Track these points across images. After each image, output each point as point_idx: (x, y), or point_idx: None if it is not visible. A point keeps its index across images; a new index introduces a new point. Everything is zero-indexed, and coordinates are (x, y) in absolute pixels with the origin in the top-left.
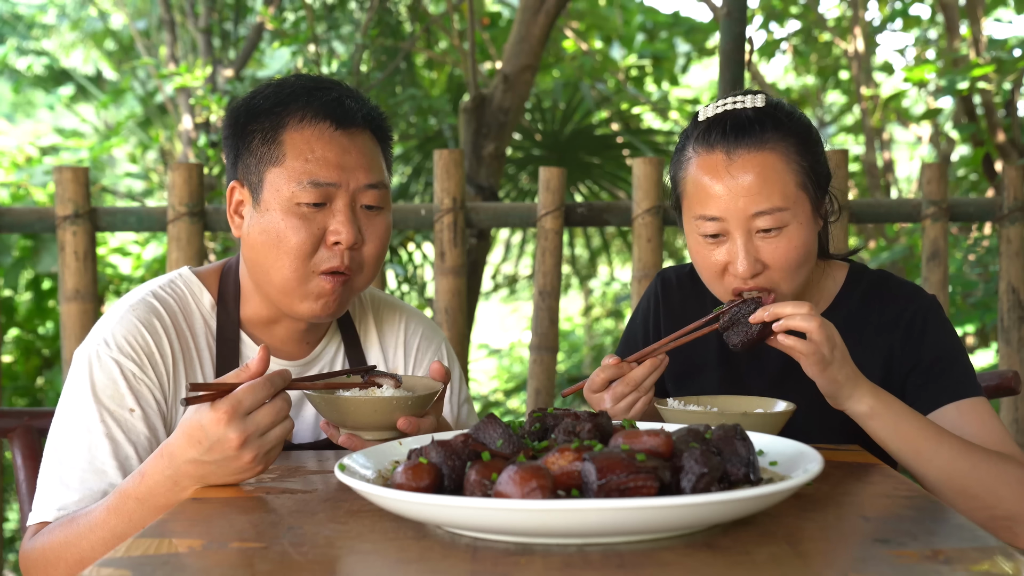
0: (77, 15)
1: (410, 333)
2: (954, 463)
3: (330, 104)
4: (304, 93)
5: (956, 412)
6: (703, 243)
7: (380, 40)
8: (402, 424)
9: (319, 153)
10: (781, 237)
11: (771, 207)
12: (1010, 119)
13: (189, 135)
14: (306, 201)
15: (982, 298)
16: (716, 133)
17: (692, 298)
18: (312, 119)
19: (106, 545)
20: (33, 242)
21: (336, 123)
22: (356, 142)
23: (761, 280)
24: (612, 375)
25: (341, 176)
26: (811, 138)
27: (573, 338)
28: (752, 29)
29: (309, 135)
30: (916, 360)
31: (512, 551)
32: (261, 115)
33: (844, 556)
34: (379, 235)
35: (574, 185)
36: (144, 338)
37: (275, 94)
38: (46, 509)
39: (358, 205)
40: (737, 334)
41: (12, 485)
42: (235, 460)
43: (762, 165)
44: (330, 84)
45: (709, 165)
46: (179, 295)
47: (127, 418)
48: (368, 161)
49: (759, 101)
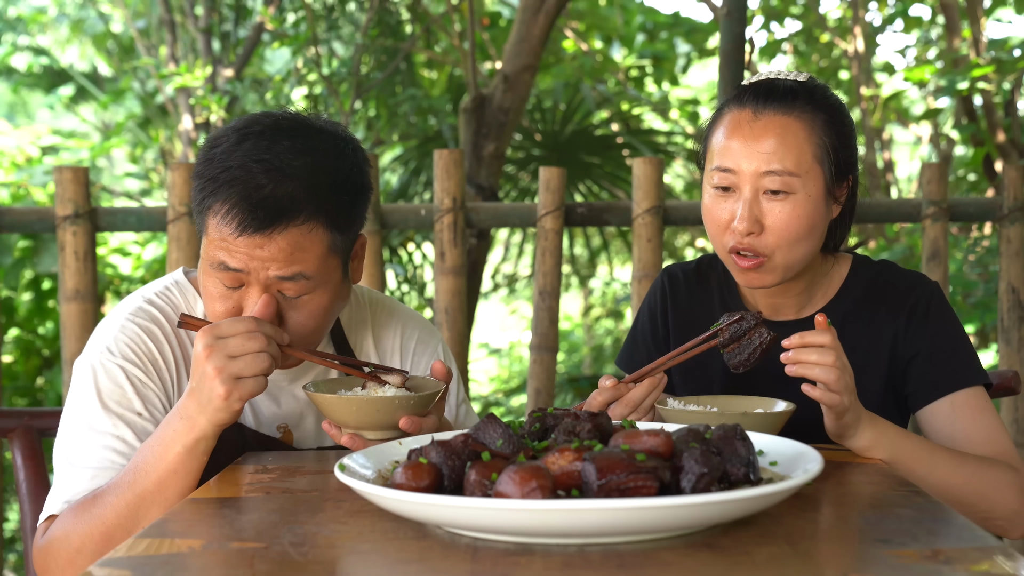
0: (77, 15)
1: (406, 336)
2: (948, 479)
3: (252, 200)
4: (237, 173)
5: (950, 407)
6: (714, 195)
7: (380, 40)
8: (404, 424)
9: (229, 245)
10: (786, 203)
11: (782, 169)
12: (1010, 119)
13: (189, 135)
14: (221, 281)
15: (982, 298)
16: (750, 94)
17: (699, 295)
18: (228, 214)
19: (128, 506)
20: (33, 242)
21: (248, 224)
22: (274, 239)
23: (757, 242)
24: (610, 398)
25: (248, 265)
26: (842, 120)
27: (573, 338)
28: (752, 29)
29: (223, 227)
30: (918, 348)
31: (512, 551)
32: (203, 178)
33: (844, 556)
34: (302, 320)
35: (574, 185)
36: (146, 344)
37: (220, 160)
38: (55, 504)
39: (274, 290)
40: (737, 355)
41: (12, 485)
42: (204, 378)
43: (783, 128)
44: (282, 161)
45: (735, 120)
46: (174, 302)
47: (135, 420)
48: (288, 255)
49: (801, 77)
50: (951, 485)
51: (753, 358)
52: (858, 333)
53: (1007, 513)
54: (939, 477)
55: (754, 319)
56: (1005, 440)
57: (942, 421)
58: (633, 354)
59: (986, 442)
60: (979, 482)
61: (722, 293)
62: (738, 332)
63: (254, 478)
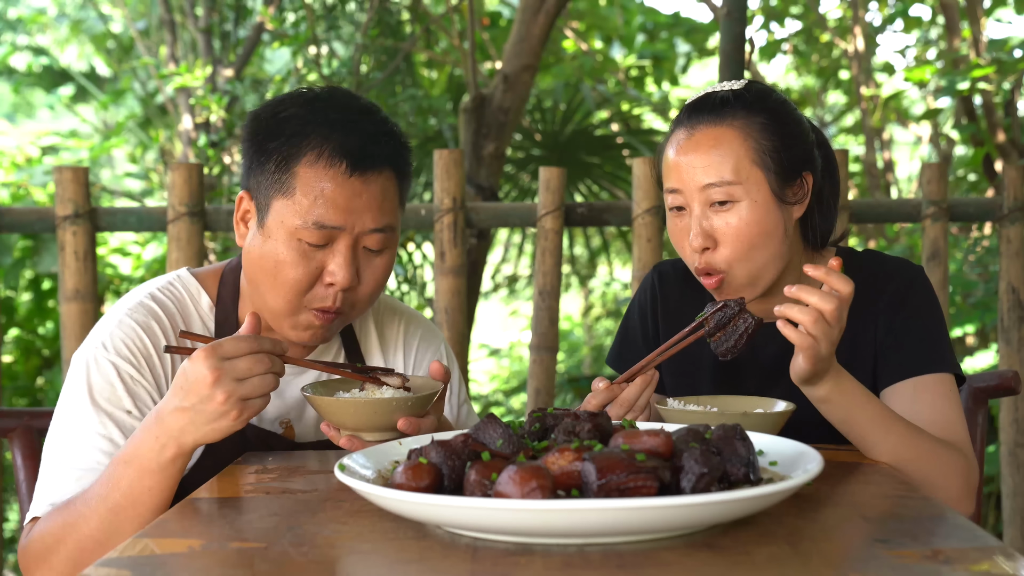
0: (77, 15)
1: (409, 335)
2: (897, 452)
3: (350, 146)
4: (326, 126)
5: (912, 389)
6: (670, 216)
7: (380, 40)
8: (402, 425)
9: (329, 195)
10: (732, 212)
11: (720, 179)
12: (1010, 119)
13: (189, 135)
14: (308, 240)
15: (982, 298)
16: (686, 111)
17: (690, 291)
18: (329, 158)
19: (102, 521)
20: (33, 242)
21: (352, 167)
22: (370, 186)
23: (713, 258)
24: (604, 400)
25: (347, 220)
26: (784, 120)
27: (573, 338)
28: (752, 29)
29: (322, 175)
30: (893, 329)
31: (512, 551)
32: (280, 138)
33: (844, 556)
34: (376, 276)
35: (574, 185)
36: (142, 340)
37: (298, 117)
38: (40, 505)
39: (360, 247)
40: (724, 342)
41: (12, 485)
42: (209, 401)
43: (716, 139)
44: (357, 116)
45: (676, 140)
46: (177, 297)
47: (124, 419)
48: (379, 204)
49: (737, 86)
50: (900, 459)
51: (740, 344)
52: (848, 325)
53: (948, 497)
54: (889, 448)
55: (737, 305)
56: (961, 429)
57: (903, 401)
58: (623, 352)
59: (943, 427)
60: (927, 462)
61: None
62: (723, 320)
63: (254, 478)
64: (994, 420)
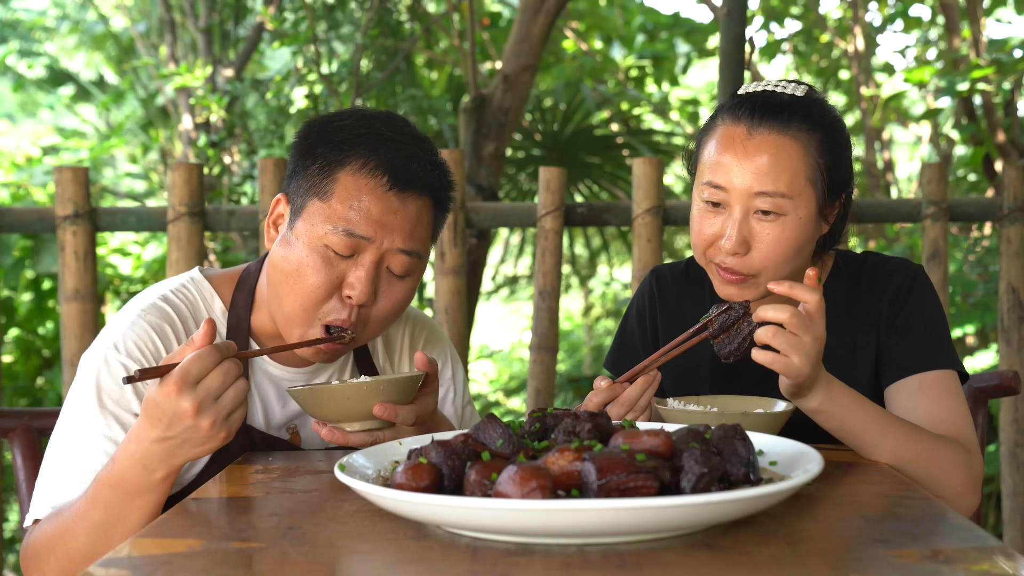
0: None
1: (415, 336)
2: (897, 452)
3: (395, 161)
4: (377, 140)
5: (917, 385)
6: (703, 208)
7: (380, 40)
8: (378, 410)
9: (364, 205)
10: (776, 224)
11: (774, 191)
12: (1010, 119)
13: (189, 135)
14: (335, 247)
15: (982, 298)
16: (745, 108)
17: (688, 294)
18: (372, 170)
19: (89, 536)
20: (33, 242)
21: (393, 182)
22: (407, 205)
23: (742, 262)
24: (605, 399)
25: (377, 233)
26: (838, 139)
27: (573, 338)
28: (752, 29)
29: (363, 184)
30: (894, 327)
31: (512, 551)
32: (330, 144)
33: (844, 556)
34: (394, 301)
35: (574, 185)
36: (154, 342)
37: (351, 128)
38: (41, 508)
39: (384, 266)
40: (727, 345)
41: (12, 485)
42: (195, 430)
43: (778, 148)
44: (408, 139)
45: (729, 136)
46: (190, 300)
47: (130, 422)
48: (412, 227)
49: (799, 91)
50: (900, 459)
51: (743, 347)
52: (846, 324)
53: (952, 493)
54: (888, 449)
55: (742, 308)
56: (966, 424)
57: (907, 398)
58: (621, 356)
59: (947, 422)
60: (928, 459)
61: (711, 293)
62: (727, 322)
63: (254, 478)
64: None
